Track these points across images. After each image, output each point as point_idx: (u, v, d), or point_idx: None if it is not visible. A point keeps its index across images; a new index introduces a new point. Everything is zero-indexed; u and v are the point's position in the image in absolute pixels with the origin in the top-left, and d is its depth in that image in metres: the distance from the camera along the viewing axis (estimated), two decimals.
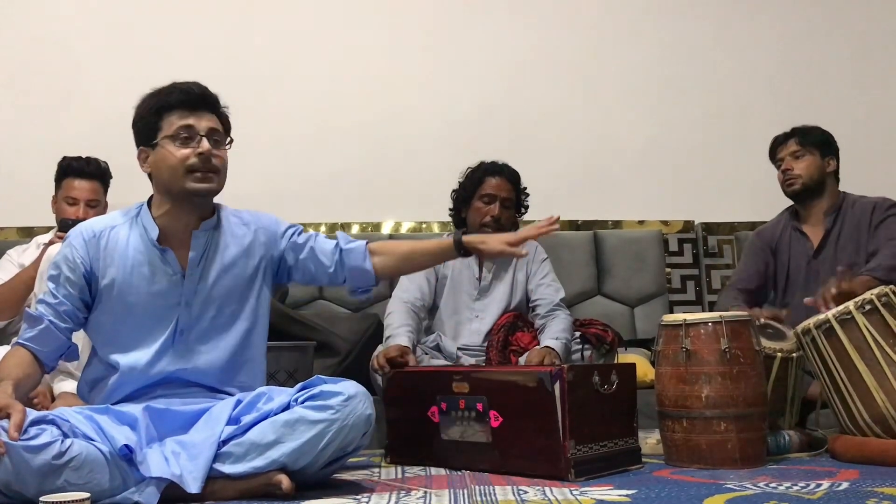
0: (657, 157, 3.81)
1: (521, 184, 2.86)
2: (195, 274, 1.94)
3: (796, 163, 2.81)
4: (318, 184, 3.55)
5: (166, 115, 1.92)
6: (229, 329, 1.97)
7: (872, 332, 2.10)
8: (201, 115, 1.93)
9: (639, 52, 3.87)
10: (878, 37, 3.95)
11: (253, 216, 2.09)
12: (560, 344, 2.54)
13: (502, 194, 2.78)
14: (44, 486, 1.58)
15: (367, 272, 2.08)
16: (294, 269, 2.09)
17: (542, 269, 2.82)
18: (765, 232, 2.96)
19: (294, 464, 1.73)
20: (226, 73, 3.54)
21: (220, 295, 1.96)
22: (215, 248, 1.98)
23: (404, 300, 2.68)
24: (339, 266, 2.08)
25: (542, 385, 1.94)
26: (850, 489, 1.68)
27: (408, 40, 3.80)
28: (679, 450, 2.08)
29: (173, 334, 1.92)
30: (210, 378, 1.94)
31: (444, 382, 2.15)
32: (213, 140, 1.93)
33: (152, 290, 1.92)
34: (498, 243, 2.08)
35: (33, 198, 3.17)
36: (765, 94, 3.87)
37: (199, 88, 1.96)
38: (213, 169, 1.92)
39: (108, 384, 1.91)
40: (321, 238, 2.11)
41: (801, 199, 2.85)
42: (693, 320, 2.11)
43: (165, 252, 1.93)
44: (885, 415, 2.06)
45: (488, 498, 1.69)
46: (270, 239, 2.07)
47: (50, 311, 1.90)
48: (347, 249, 2.08)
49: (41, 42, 3.61)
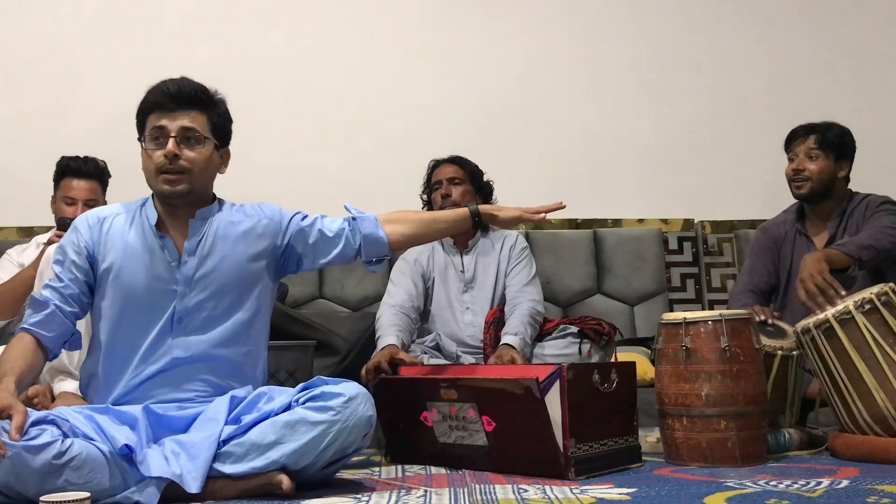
0: (657, 156, 3.80)
1: (469, 163, 2.93)
2: (191, 261, 1.93)
3: (809, 163, 2.76)
4: (319, 184, 3.54)
5: (148, 115, 1.94)
6: (228, 319, 1.95)
7: (872, 331, 2.10)
8: (177, 114, 1.92)
9: (638, 50, 3.87)
10: (878, 35, 3.94)
11: (255, 208, 2.09)
12: (518, 339, 2.52)
13: (447, 175, 2.88)
14: (44, 485, 1.58)
15: (380, 239, 2.08)
16: (305, 256, 2.08)
17: (518, 257, 2.85)
18: (770, 229, 2.93)
19: (294, 464, 1.72)
20: (226, 73, 3.54)
21: (217, 283, 1.95)
22: (213, 236, 1.97)
23: (391, 304, 2.70)
24: (352, 238, 2.07)
25: (529, 392, 1.92)
26: (851, 487, 1.69)
27: (408, 42, 3.79)
28: (679, 448, 2.09)
29: (171, 322, 1.91)
30: (210, 369, 1.92)
31: (432, 390, 2.12)
32: (187, 139, 1.92)
33: (150, 276, 1.92)
34: (513, 209, 2.18)
35: (33, 197, 3.17)
36: (764, 92, 3.87)
37: (176, 87, 1.93)
38: (180, 170, 1.91)
39: (108, 374, 1.91)
40: (328, 219, 2.11)
41: (807, 200, 2.81)
42: (693, 318, 2.11)
43: (164, 239, 1.94)
44: (886, 414, 2.06)
45: (488, 496, 1.69)
46: (274, 229, 2.05)
47: (56, 295, 1.91)
48: (360, 218, 2.10)
49: (41, 42, 3.60)
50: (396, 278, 2.82)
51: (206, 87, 1.99)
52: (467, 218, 2.17)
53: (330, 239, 2.07)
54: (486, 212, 2.17)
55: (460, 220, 2.18)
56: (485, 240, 2.88)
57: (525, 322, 2.61)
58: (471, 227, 2.20)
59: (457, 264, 2.85)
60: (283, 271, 2.11)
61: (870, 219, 2.68)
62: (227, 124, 2.04)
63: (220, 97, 2.03)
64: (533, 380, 1.91)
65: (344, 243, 2.07)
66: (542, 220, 2.21)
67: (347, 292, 3.46)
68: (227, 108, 2.04)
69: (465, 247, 2.87)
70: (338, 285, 3.47)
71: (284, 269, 2.11)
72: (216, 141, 1.98)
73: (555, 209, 2.17)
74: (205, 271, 1.94)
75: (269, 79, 3.66)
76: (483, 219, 2.17)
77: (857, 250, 2.47)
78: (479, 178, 2.94)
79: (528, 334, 2.59)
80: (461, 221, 2.18)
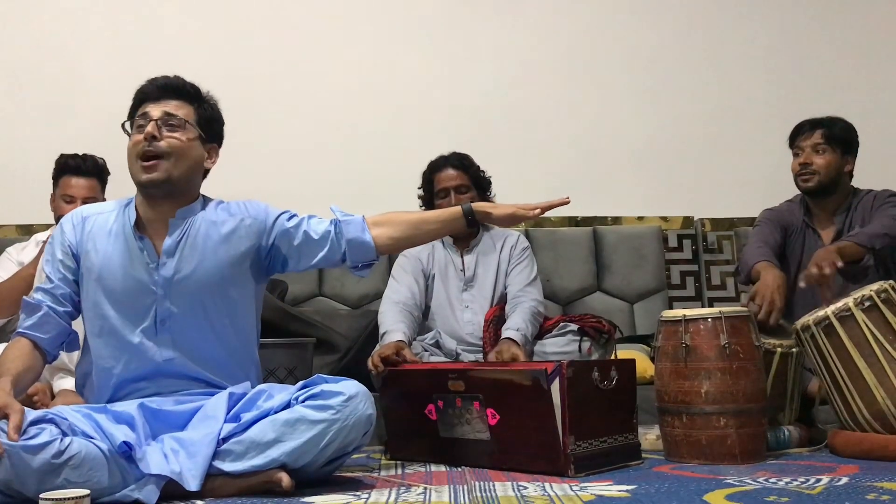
0: (656, 153, 3.80)
1: (472, 164, 2.88)
2: (169, 263, 1.90)
3: (816, 157, 2.74)
4: (319, 184, 3.54)
5: (137, 108, 1.94)
6: (214, 320, 1.92)
7: (872, 328, 2.10)
8: (161, 102, 1.92)
9: (638, 49, 3.86)
10: (878, 32, 3.94)
11: (240, 206, 2.03)
12: (519, 335, 2.52)
13: (453, 183, 2.82)
14: (43, 485, 1.57)
15: (366, 244, 2.01)
16: (290, 257, 2.02)
17: (519, 257, 2.83)
18: (779, 213, 2.86)
19: (294, 462, 1.72)
20: (227, 73, 3.55)
21: (199, 285, 1.91)
22: (193, 236, 1.93)
23: (395, 301, 2.68)
24: (337, 242, 2.00)
25: (537, 383, 1.93)
26: (850, 484, 1.68)
27: (408, 41, 3.79)
28: (679, 445, 2.09)
29: (154, 324, 1.88)
30: (199, 370, 1.90)
31: (440, 381, 2.13)
32: (169, 124, 1.90)
33: (129, 278, 1.89)
34: (508, 206, 2.09)
35: (33, 195, 3.17)
36: (764, 89, 3.87)
37: (165, 79, 1.93)
38: (158, 153, 1.88)
39: (100, 376, 1.90)
40: (314, 220, 2.05)
41: (812, 195, 2.79)
42: (692, 316, 2.11)
43: (143, 240, 1.91)
44: (885, 411, 2.06)
45: (488, 494, 1.69)
46: (259, 228, 2.00)
47: (47, 296, 1.90)
48: (345, 221, 2.03)
49: (41, 42, 3.60)
50: (398, 274, 2.81)
51: (198, 86, 1.98)
52: (460, 217, 2.08)
53: (315, 242, 2.01)
54: (479, 210, 2.09)
55: (452, 219, 2.09)
56: (486, 239, 2.87)
57: (527, 319, 2.60)
58: (464, 226, 2.11)
59: (457, 263, 2.85)
60: (270, 271, 2.06)
61: (878, 210, 2.68)
62: (215, 122, 2.00)
63: (211, 96, 2.00)
64: (542, 370, 1.92)
65: (329, 247, 2.00)
66: (538, 216, 2.09)
67: (347, 290, 3.46)
68: (217, 109, 2.01)
69: (466, 246, 2.87)
70: (337, 283, 3.47)
71: (270, 269, 2.05)
72: (201, 132, 1.95)
73: (555, 206, 2.06)
74: (184, 274, 1.90)
75: (269, 79, 3.66)
76: (477, 217, 2.10)
77: (869, 240, 2.48)
78: (480, 178, 2.91)
79: (530, 331, 2.59)
80: (453, 221, 2.10)
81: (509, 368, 2.09)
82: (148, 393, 1.87)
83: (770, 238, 2.76)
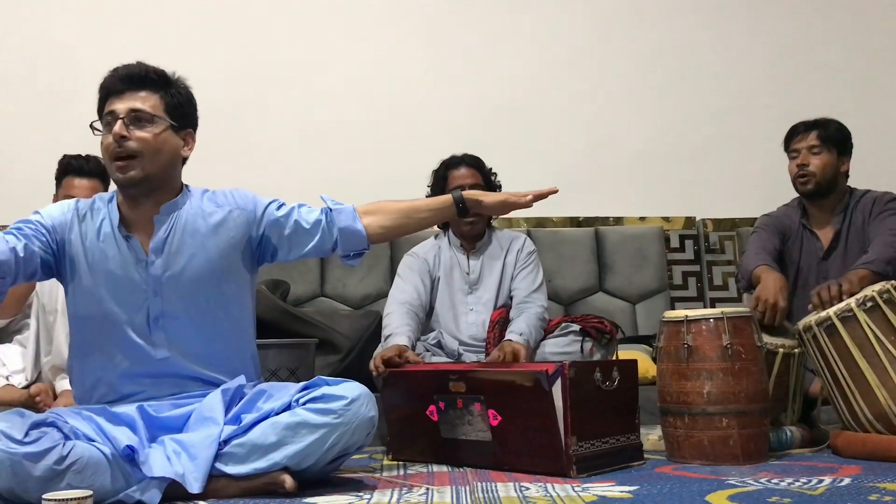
0: (658, 154, 3.80)
1: (484, 166, 2.87)
2: (158, 261, 1.87)
3: (812, 158, 2.74)
4: (319, 184, 3.53)
5: (104, 103, 1.89)
6: (208, 314, 1.89)
7: (874, 329, 2.09)
8: (126, 96, 1.86)
9: (640, 49, 3.87)
10: (878, 33, 3.94)
11: (227, 196, 1.99)
12: (523, 340, 2.52)
13: (468, 181, 2.78)
14: (46, 490, 1.55)
15: (357, 233, 1.99)
16: (280, 247, 1.99)
17: (525, 260, 2.82)
18: (777, 218, 2.87)
19: (297, 465, 1.72)
20: (227, 74, 3.56)
21: (191, 280, 1.88)
22: (180, 232, 1.89)
23: (401, 301, 2.68)
24: (328, 231, 1.98)
25: (538, 384, 1.93)
26: (852, 485, 1.68)
27: (409, 41, 3.79)
28: (681, 446, 2.09)
29: (148, 322, 1.86)
30: (196, 367, 1.88)
31: (441, 382, 2.13)
32: (137, 120, 1.84)
33: (118, 278, 1.86)
34: (499, 194, 2.13)
35: (35, 196, 3.16)
36: (765, 90, 3.87)
37: (126, 70, 1.88)
38: (129, 153, 1.83)
39: (95, 375, 1.87)
40: (304, 209, 2.01)
41: (811, 197, 2.80)
42: (694, 316, 2.11)
43: (130, 239, 1.88)
44: (888, 412, 2.06)
45: (490, 494, 1.69)
46: (248, 219, 1.96)
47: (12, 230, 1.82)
48: (336, 210, 2.00)
49: (41, 42, 3.61)
50: (405, 273, 2.80)
51: (163, 69, 1.92)
52: (451, 205, 2.07)
53: (306, 231, 1.98)
54: (470, 197, 2.07)
55: (444, 207, 2.08)
56: (493, 242, 2.86)
57: (532, 325, 2.60)
58: (455, 214, 2.10)
59: (463, 265, 2.83)
60: (260, 261, 2.03)
61: (877, 217, 2.67)
62: (186, 105, 1.94)
63: (179, 78, 1.95)
64: (542, 372, 1.92)
65: (320, 236, 1.98)
66: (530, 204, 2.08)
67: (349, 290, 3.46)
68: (188, 91, 1.95)
69: (473, 248, 2.85)
70: (339, 283, 3.47)
71: (261, 259, 2.02)
72: (172, 122, 1.89)
73: (545, 195, 2.06)
74: (174, 271, 1.87)
75: (270, 79, 3.66)
76: (467, 205, 2.07)
77: (883, 267, 2.47)
78: (491, 180, 2.89)
79: (534, 337, 2.58)
80: (445, 209, 2.09)
81: (510, 370, 2.09)
82: (145, 397, 1.85)
83: (768, 244, 2.78)
